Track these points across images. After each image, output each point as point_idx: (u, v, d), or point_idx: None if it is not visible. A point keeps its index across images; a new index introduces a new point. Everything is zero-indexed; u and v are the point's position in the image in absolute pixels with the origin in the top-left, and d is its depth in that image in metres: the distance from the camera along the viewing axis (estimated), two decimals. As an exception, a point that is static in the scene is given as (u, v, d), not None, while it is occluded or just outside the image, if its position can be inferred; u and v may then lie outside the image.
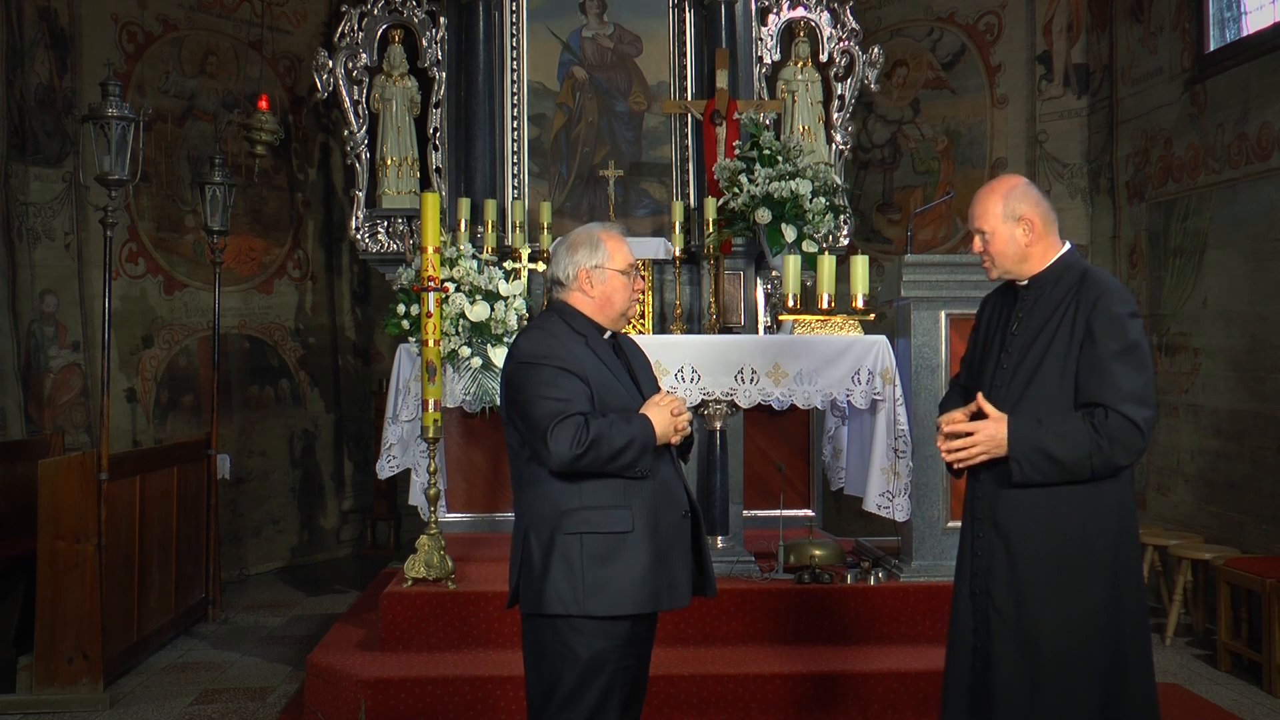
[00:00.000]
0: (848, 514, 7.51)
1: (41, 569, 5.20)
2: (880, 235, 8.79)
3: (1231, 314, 6.31)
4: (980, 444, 2.99)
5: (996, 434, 2.97)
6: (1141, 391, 2.93)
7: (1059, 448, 2.91)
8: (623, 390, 3.14)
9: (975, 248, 3.21)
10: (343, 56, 7.89)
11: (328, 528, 8.82)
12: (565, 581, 3.01)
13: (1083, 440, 2.90)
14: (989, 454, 3.00)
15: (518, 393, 3.07)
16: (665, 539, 3.10)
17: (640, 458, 3.03)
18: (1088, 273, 3.11)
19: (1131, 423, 2.89)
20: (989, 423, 2.99)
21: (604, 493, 3.04)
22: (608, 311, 3.21)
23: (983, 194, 3.19)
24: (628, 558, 3.03)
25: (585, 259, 3.18)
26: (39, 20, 7.12)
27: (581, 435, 2.95)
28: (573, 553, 3.03)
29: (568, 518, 3.04)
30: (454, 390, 5.89)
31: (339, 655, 4.99)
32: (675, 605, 3.14)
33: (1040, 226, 3.12)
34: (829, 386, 5.58)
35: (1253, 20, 6.38)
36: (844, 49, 8.11)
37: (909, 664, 4.80)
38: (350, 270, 9.05)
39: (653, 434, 3.04)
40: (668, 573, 3.10)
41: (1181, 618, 6.21)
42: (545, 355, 3.06)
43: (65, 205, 7.27)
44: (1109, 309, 2.98)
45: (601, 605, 3.01)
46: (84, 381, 7.31)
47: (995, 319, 3.27)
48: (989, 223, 3.13)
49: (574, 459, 2.96)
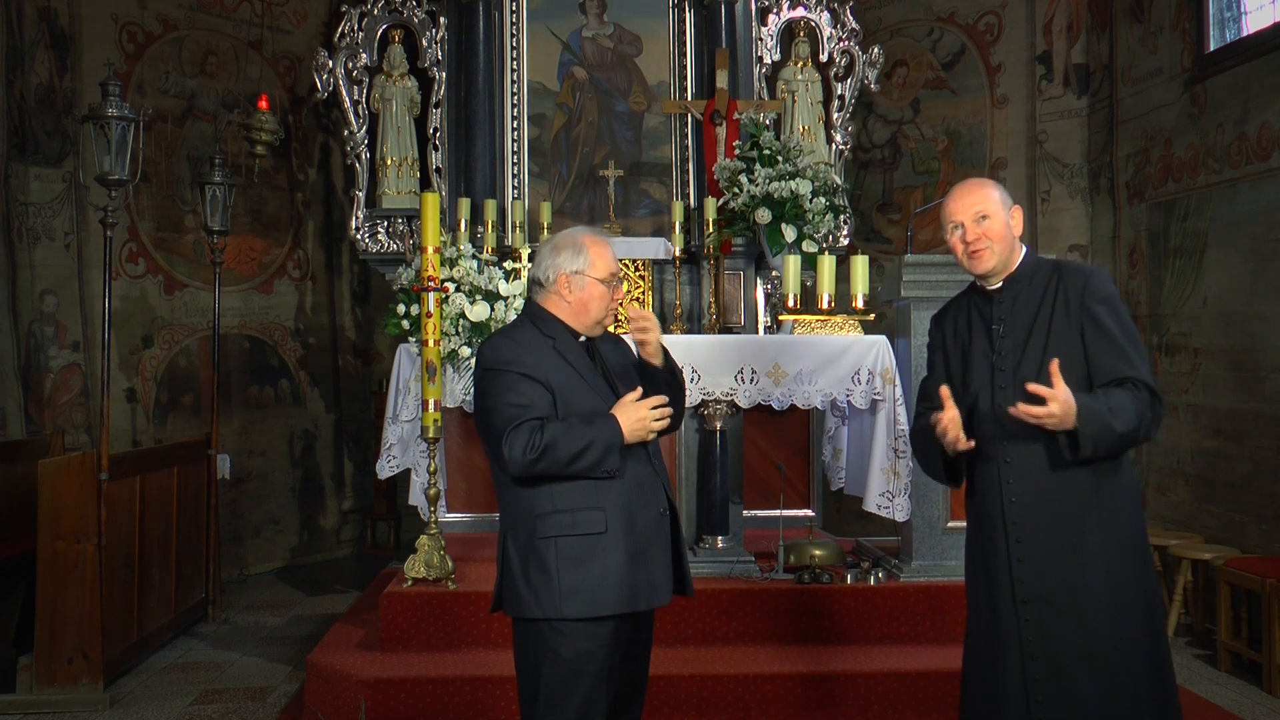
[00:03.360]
0: (848, 514, 7.51)
1: (41, 569, 5.20)
2: (880, 235, 8.79)
3: (1231, 314, 6.31)
4: (1057, 414, 2.87)
5: (1069, 405, 2.86)
6: (1149, 368, 3.00)
7: (1119, 421, 2.88)
8: (590, 392, 3.11)
9: (968, 236, 3.08)
10: (343, 56, 7.89)
11: (328, 528, 8.82)
12: (542, 585, 3.02)
13: (1134, 412, 2.90)
14: (1055, 426, 2.90)
15: (481, 399, 3.09)
16: (642, 538, 3.09)
17: (604, 458, 3.00)
18: (1060, 263, 3.15)
19: (1157, 396, 2.95)
20: (1063, 393, 2.87)
21: (574, 495, 3.04)
22: (583, 319, 3.19)
23: (971, 185, 3.14)
24: (603, 559, 3.03)
25: (566, 263, 3.16)
26: (39, 20, 7.13)
27: (535, 440, 2.95)
28: (548, 556, 3.03)
29: (541, 521, 3.05)
30: (454, 390, 5.90)
31: (339, 655, 4.99)
32: (655, 604, 3.14)
33: (1020, 224, 3.15)
34: (829, 386, 5.58)
35: (1253, 20, 6.38)
36: (844, 49, 8.12)
37: (909, 664, 4.80)
38: (350, 270, 9.05)
39: (618, 433, 3.00)
40: (646, 572, 3.09)
41: (1181, 618, 6.21)
42: (508, 361, 3.06)
43: (65, 205, 7.27)
44: (1100, 291, 3.02)
45: (578, 608, 3.01)
46: (84, 381, 7.32)
47: (962, 332, 3.22)
48: (991, 206, 3.08)
49: (528, 464, 2.96)
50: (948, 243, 3.18)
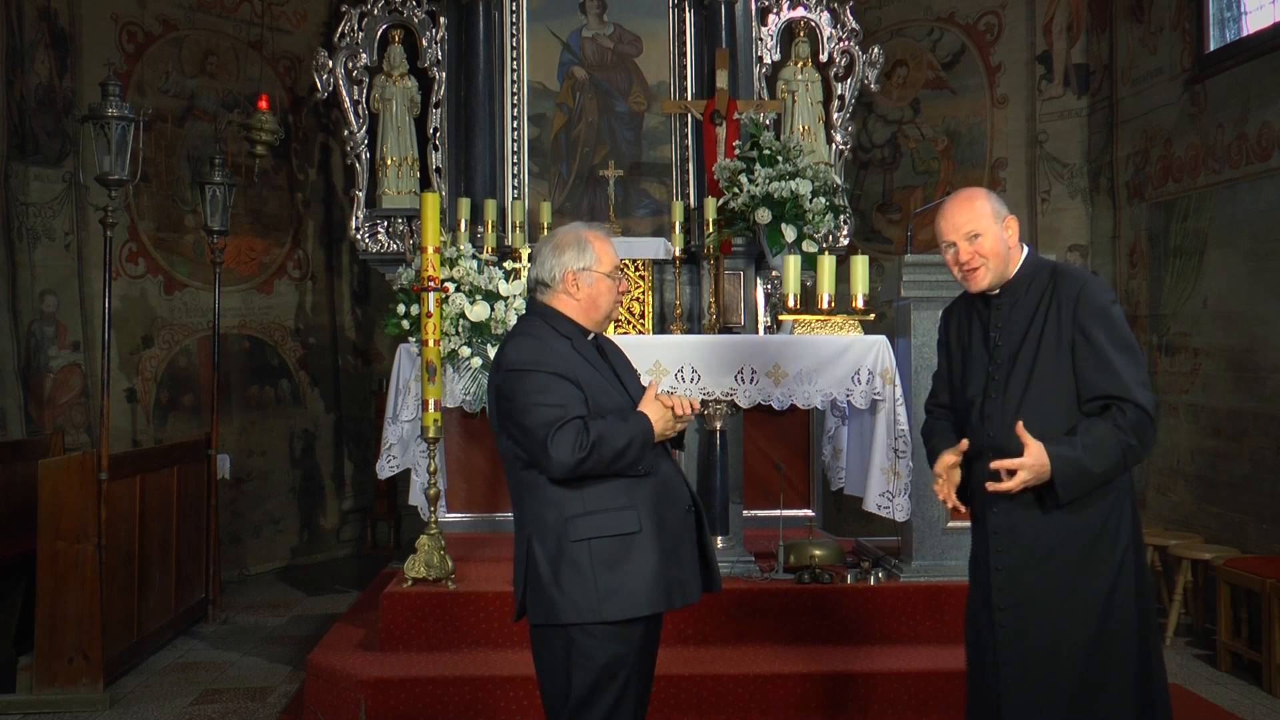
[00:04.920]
0: (848, 514, 7.51)
1: (41, 569, 5.20)
2: (880, 235, 8.79)
3: (1231, 314, 6.31)
4: (1029, 480, 2.90)
5: (1041, 463, 2.88)
6: (1144, 377, 2.95)
7: (1096, 462, 2.87)
8: (613, 390, 3.09)
9: (961, 256, 3.07)
10: (343, 56, 7.89)
11: (328, 528, 8.83)
12: (578, 589, 2.95)
13: (1114, 446, 2.88)
14: (1034, 484, 2.92)
15: (510, 402, 3.00)
16: (672, 535, 3.06)
17: (641, 456, 2.98)
18: (1058, 269, 3.10)
19: (1146, 413, 2.90)
20: (1032, 453, 2.88)
21: (608, 495, 2.99)
22: (592, 314, 3.15)
23: (961, 200, 3.10)
24: (638, 558, 2.98)
25: (572, 261, 3.12)
26: (39, 20, 7.13)
27: (582, 439, 2.89)
28: (582, 559, 2.96)
29: (573, 524, 2.98)
30: (454, 390, 5.90)
31: (339, 655, 4.99)
32: (688, 602, 3.10)
33: (1016, 229, 3.13)
34: (829, 386, 5.58)
35: (1253, 20, 6.38)
36: (844, 49, 8.12)
37: (909, 664, 4.80)
38: (350, 270, 9.05)
39: (651, 430, 2.99)
40: (678, 570, 3.06)
41: (1181, 618, 6.21)
42: (535, 361, 2.99)
43: (65, 205, 7.27)
44: (1093, 301, 2.97)
45: (617, 610, 2.95)
46: (84, 381, 7.32)
47: (964, 334, 3.23)
48: (982, 223, 3.05)
49: (576, 464, 2.90)
50: (944, 258, 3.18)
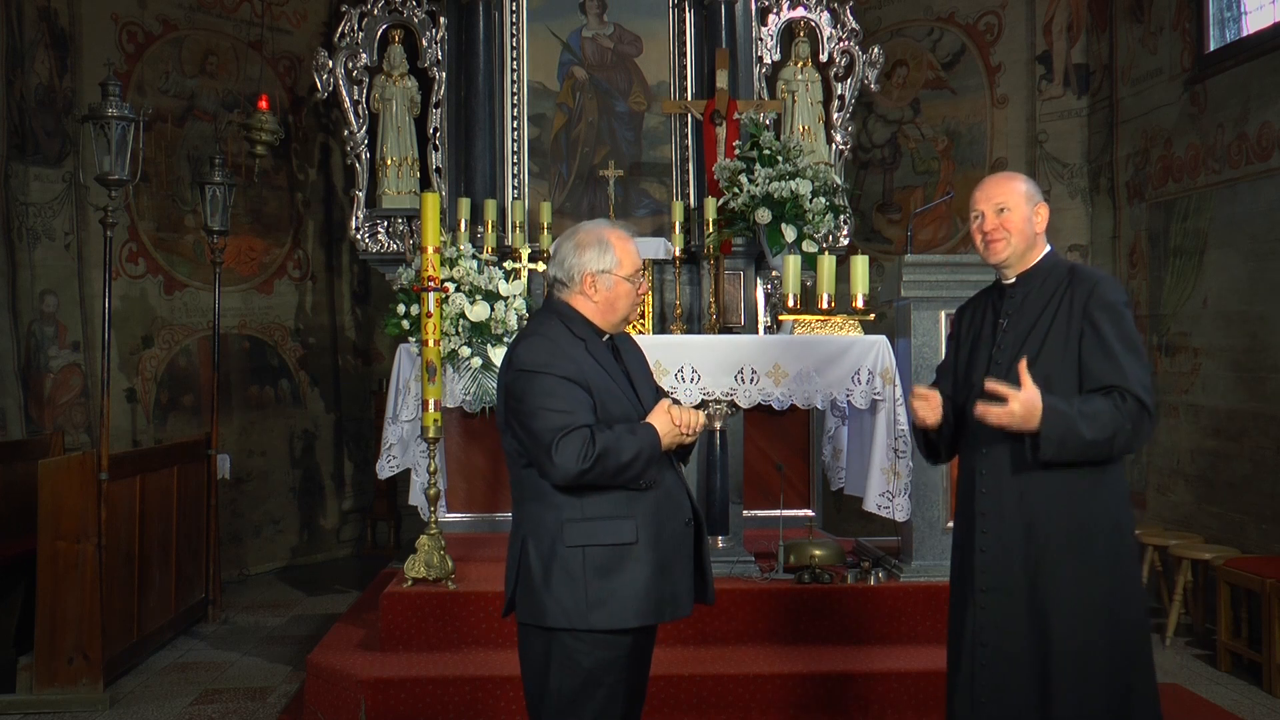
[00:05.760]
0: (848, 514, 7.51)
1: (41, 569, 5.20)
2: (880, 235, 8.79)
3: (1231, 314, 6.31)
4: (1018, 414, 2.87)
5: (1034, 405, 2.86)
6: (1147, 380, 2.96)
7: (1087, 427, 2.86)
8: (623, 396, 3.05)
9: (986, 225, 3.11)
10: (343, 56, 7.89)
11: (328, 528, 8.82)
12: (567, 594, 2.93)
13: (1109, 421, 2.87)
14: (1018, 426, 2.89)
15: (518, 403, 2.97)
16: (668, 549, 3.02)
17: (646, 470, 2.94)
18: (1076, 267, 3.14)
19: (1145, 408, 2.90)
20: (1027, 393, 2.87)
21: (607, 503, 2.96)
22: (609, 317, 3.12)
23: (1000, 177, 3.19)
24: (631, 570, 2.95)
25: (592, 262, 3.08)
26: (39, 20, 7.13)
27: (588, 450, 2.84)
28: (575, 565, 2.94)
29: (570, 528, 2.95)
30: (454, 390, 5.89)
31: (339, 655, 4.99)
32: (678, 616, 3.08)
33: (1045, 221, 3.16)
34: (829, 386, 5.58)
35: (1253, 20, 6.38)
36: (844, 49, 8.12)
37: (909, 664, 4.80)
38: (350, 270, 9.05)
39: (659, 443, 2.95)
40: (670, 583, 3.03)
41: (1181, 618, 6.21)
42: (546, 364, 2.94)
43: (65, 205, 7.27)
44: (1106, 296, 3.00)
45: (604, 619, 2.94)
46: (84, 381, 7.32)
47: (976, 324, 3.27)
48: (1012, 199, 3.10)
49: (579, 474, 2.86)
50: (970, 231, 3.23)
